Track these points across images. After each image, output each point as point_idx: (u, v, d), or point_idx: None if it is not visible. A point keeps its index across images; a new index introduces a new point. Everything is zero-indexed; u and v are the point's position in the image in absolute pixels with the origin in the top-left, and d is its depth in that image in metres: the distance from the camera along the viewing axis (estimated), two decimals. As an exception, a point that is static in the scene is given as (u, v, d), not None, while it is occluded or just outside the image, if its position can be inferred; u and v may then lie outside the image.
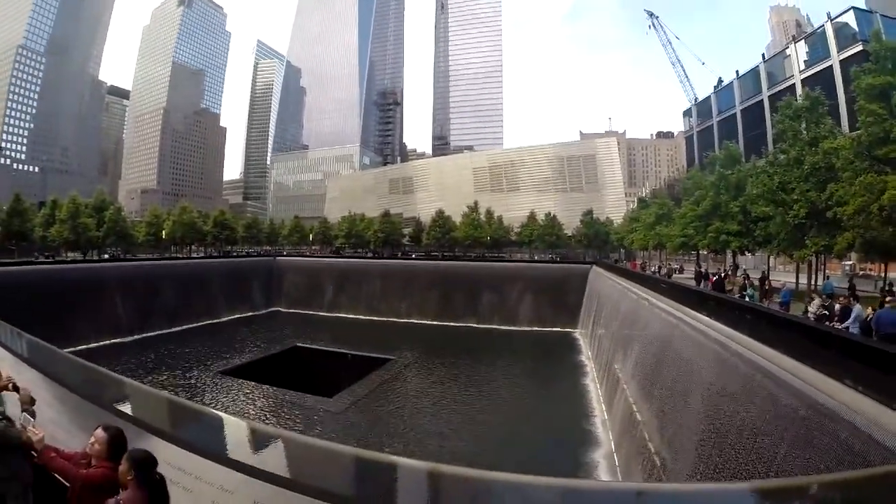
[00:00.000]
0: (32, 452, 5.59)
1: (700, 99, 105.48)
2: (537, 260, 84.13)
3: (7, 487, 5.54)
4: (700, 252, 50.16)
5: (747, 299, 22.17)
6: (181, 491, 5.20)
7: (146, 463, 4.50)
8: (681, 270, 56.17)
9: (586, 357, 49.19)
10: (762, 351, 13.19)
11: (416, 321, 72.55)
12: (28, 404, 5.92)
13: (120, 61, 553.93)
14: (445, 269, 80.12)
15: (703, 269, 41.04)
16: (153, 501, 4.53)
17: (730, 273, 39.40)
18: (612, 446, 27.05)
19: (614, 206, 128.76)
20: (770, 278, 35.67)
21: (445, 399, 38.65)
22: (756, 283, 29.74)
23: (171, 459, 5.64)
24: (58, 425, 7.20)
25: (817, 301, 20.62)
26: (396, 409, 36.18)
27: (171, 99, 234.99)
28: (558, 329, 63.31)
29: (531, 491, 4.70)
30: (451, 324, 70.09)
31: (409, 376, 45.71)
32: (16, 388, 6.22)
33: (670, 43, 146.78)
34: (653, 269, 55.77)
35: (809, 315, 19.01)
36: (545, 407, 35.90)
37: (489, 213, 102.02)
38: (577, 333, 60.70)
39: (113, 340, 55.97)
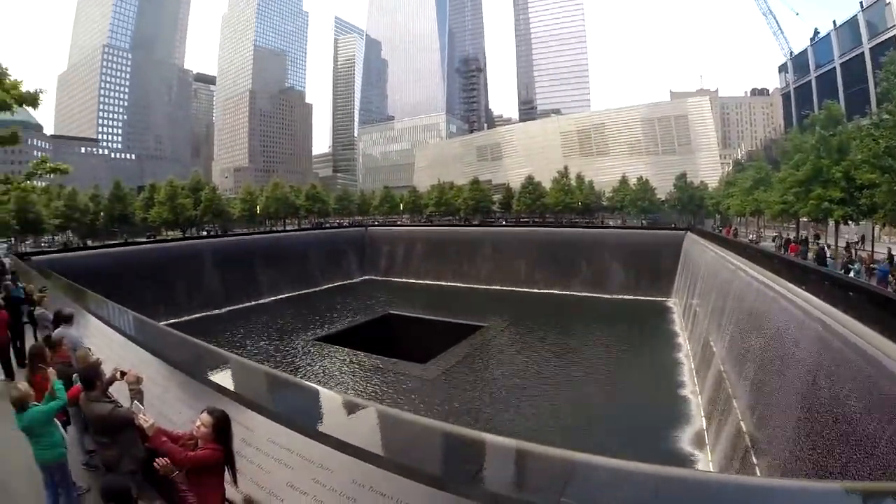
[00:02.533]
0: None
1: (796, 53, 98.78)
2: (629, 226, 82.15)
3: (118, 463, 6.12)
4: (800, 220, 47.46)
5: (852, 275, 20.72)
6: (280, 466, 5.73)
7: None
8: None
9: (679, 328, 47.92)
10: (865, 333, 12.75)
11: (506, 288, 72.95)
12: (136, 384, 6.23)
13: (203, 49, 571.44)
14: (536, 235, 79.77)
15: (799, 238, 39.49)
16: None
17: (809, 240, 38.18)
18: (703, 423, 26.46)
19: (708, 170, 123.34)
20: (866, 249, 34.36)
21: (535, 369, 38.78)
22: (863, 256, 28.11)
23: (272, 435, 6.21)
24: (163, 401, 8.00)
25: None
26: (488, 378, 36.63)
27: (255, 81, 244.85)
28: (651, 298, 61.82)
29: (619, 474, 4.77)
30: (542, 291, 70.06)
31: (500, 344, 46.03)
32: (122, 375, 6.58)
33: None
34: (751, 236, 53.58)
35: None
36: (635, 381, 35.50)
37: (579, 177, 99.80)
38: (671, 303, 59.37)
39: (216, 311, 60.34)
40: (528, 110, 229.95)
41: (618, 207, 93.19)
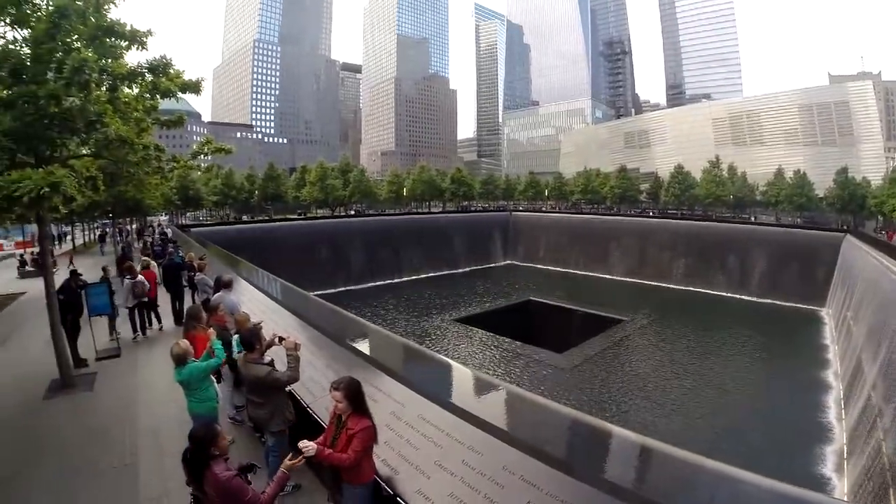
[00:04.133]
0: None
1: None
2: (783, 224, 76.41)
3: (268, 422, 6.53)
4: None
5: None
6: (429, 443, 5.77)
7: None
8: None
9: (831, 343, 43.84)
10: None
11: (648, 282, 71.74)
12: (293, 350, 6.43)
13: (349, 40, 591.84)
14: (682, 228, 76.92)
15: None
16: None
17: None
18: (845, 457, 24.00)
19: (871, 164, 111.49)
20: None
21: (672, 370, 37.40)
22: None
23: (423, 412, 6.37)
24: (314, 367, 8.27)
25: None
26: (623, 374, 35.77)
27: (400, 68, 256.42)
28: (801, 305, 57.56)
29: (743, 487, 4.65)
30: (685, 288, 68.16)
31: (639, 340, 44.72)
32: (281, 340, 6.77)
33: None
34: None
35: None
36: (773, 398, 32.99)
37: (732, 168, 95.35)
38: (824, 313, 54.49)
39: (361, 286, 65.27)
40: (677, 95, 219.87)
41: (772, 203, 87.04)
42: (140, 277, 16.88)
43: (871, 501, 16.40)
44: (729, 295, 64.15)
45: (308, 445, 4.65)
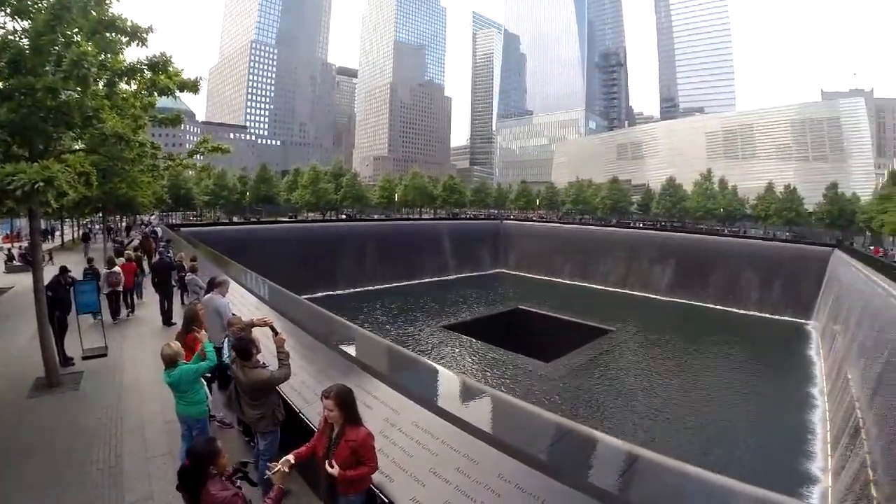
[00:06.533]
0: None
1: None
2: (772, 238, 77.88)
3: (259, 422, 6.48)
4: None
5: None
6: (424, 451, 5.73)
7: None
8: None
9: (817, 357, 44.65)
10: None
11: (637, 293, 72.12)
12: (283, 346, 6.56)
13: (346, 45, 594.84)
14: (671, 240, 77.56)
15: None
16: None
17: None
18: (830, 475, 24.02)
19: (861, 180, 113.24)
20: None
21: (659, 382, 37.83)
22: None
23: (417, 419, 6.34)
24: (307, 372, 8.23)
25: None
26: (609, 384, 36.14)
27: (395, 74, 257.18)
28: (790, 319, 58.64)
29: (732, 496, 4.85)
30: (673, 299, 68.55)
31: (626, 351, 45.29)
32: (274, 331, 6.90)
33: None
34: None
35: None
36: (759, 412, 33.23)
37: (723, 182, 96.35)
38: (810, 326, 55.57)
39: (348, 290, 64.70)
40: (670, 108, 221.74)
41: (762, 217, 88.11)
42: (116, 268, 17.79)
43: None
44: (717, 307, 64.72)
45: (333, 469, 4.58)
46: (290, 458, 4.52)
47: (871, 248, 63.70)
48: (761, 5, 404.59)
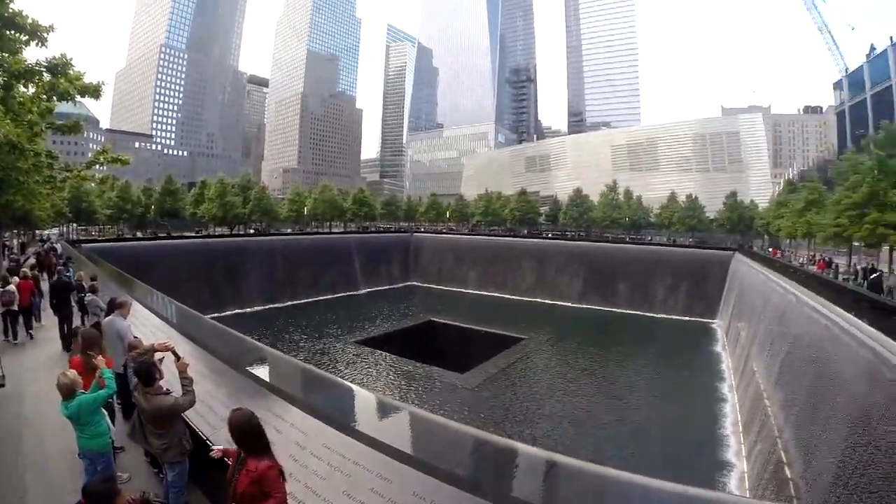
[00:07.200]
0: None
1: (851, 70, 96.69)
2: (676, 244, 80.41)
3: (167, 452, 6.13)
4: (853, 244, 45.36)
5: None
6: (336, 473, 5.58)
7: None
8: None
9: (724, 353, 46.76)
10: None
11: (549, 301, 72.64)
12: (185, 372, 6.23)
13: (258, 52, 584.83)
14: (580, 249, 79.01)
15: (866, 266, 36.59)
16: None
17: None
18: (744, 461, 25.32)
19: (759, 189, 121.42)
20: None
21: (573, 386, 38.44)
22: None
23: (327, 440, 6.14)
24: (214, 397, 7.89)
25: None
26: (525, 391, 36.42)
27: (307, 84, 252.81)
28: (696, 319, 60.93)
29: (650, 494, 4.87)
30: (585, 306, 69.51)
31: (539, 359, 45.70)
32: (176, 355, 6.59)
33: (815, 6, 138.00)
34: (801, 260, 52.01)
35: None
36: (673, 406, 34.50)
37: (628, 192, 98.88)
38: (716, 325, 58.26)
39: (257, 308, 61.91)
40: (578, 122, 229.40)
41: (665, 225, 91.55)
42: (10, 287, 16.78)
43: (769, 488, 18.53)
44: (627, 312, 66.05)
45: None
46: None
47: (770, 249, 66.66)
48: (667, 25, 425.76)
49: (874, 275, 29.72)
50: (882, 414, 12.73)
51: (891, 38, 76.19)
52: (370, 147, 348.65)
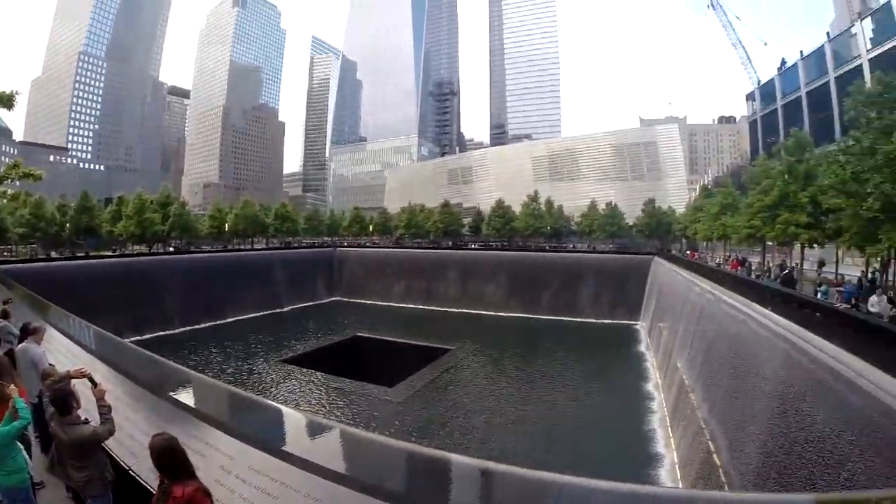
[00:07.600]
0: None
1: (763, 82, 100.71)
2: (598, 251, 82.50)
3: (88, 485, 5.87)
4: (767, 244, 47.50)
5: (820, 296, 21.13)
6: (264, 496, 5.35)
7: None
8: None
9: (647, 352, 48.05)
10: (833, 352, 12.71)
11: (475, 311, 72.37)
12: (101, 399, 6.03)
13: (179, 62, 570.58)
14: (504, 259, 79.68)
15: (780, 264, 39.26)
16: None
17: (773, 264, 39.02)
18: (673, 451, 26.13)
19: (676, 195, 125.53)
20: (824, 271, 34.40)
21: (503, 391, 38.63)
22: (829, 279, 27.53)
23: (253, 463, 5.93)
24: (133, 423, 7.54)
25: (884, 298, 18.47)
26: (455, 401, 36.30)
27: (230, 96, 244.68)
28: (619, 321, 62.28)
29: (587, 494, 4.88)
30: (511, 314, 69.80)
31: (468, 368, 45.65)
32: (92, 382, 6.33)
33: (731, 24, 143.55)
34: (717, 261, 53.59)
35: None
36: (602, 406, 35.64)
37: (549, 202, 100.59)
38: (639, 326, 59.81)
39: (178, 329, 58.65)
40: (500, 135, 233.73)
41: (587, 232, 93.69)
42: None
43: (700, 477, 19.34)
44: (552, 318, 66.46)
45: None
46: None
47: (688, 252, 69.20)
48: (588, 39, 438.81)
49: (785, 271, 31.06)
50: (801, 398, 13.25)
51: (801, 52, 79.69)
52: (293, 161, 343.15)
